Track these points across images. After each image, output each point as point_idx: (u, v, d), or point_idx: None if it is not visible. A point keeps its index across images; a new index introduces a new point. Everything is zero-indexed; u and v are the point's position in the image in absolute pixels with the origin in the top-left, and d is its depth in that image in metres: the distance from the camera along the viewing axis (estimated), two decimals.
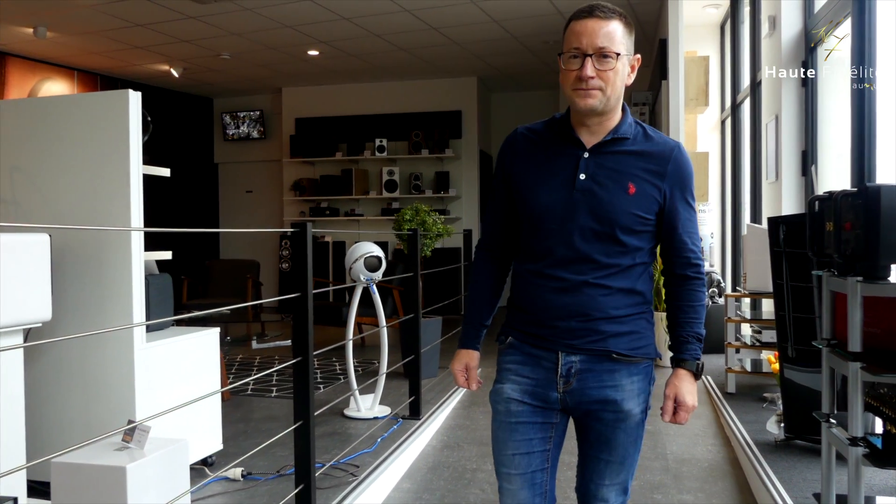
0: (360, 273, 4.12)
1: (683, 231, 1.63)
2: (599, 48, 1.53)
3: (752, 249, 4.45)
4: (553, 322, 1.62)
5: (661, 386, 1.75)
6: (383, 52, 8.14)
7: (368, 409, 4.24)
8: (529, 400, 1.66)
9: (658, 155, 1.61)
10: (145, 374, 2.86)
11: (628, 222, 1.58)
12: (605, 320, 1.59)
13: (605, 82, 1.55)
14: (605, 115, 1.60)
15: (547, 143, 1.66)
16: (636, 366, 1.65)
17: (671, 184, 1.60)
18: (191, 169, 10.54)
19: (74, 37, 7.42)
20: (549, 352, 1.63)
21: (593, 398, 1.62)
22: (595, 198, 1.58)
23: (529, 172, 1.66)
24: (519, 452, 1.67)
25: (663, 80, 6.12)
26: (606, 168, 1.59)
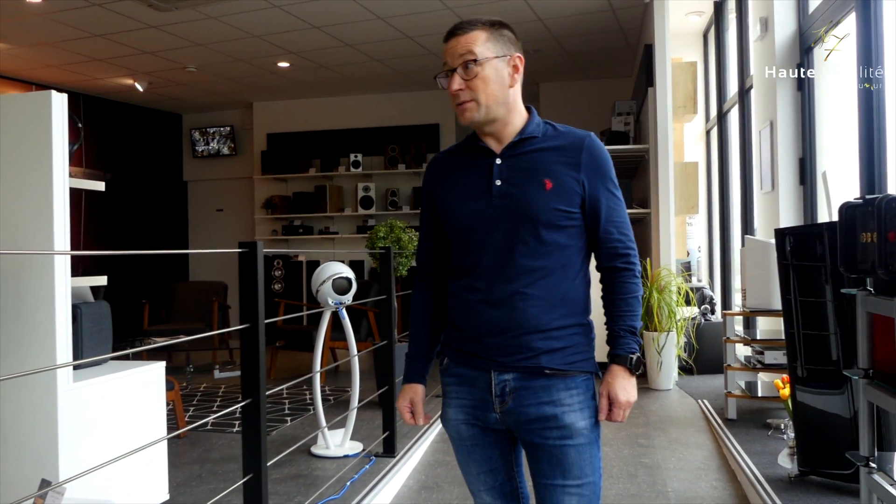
0: (329, 296, 3.75)
1: (607, 222, 1.59)
2: (461, 59, 1.54)
3: (751, 264, 4.14)
4: (483, 338, 1.58)
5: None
6: (357, 63, 7.81)
7: (338, 445, 3.86)
8: (474, 421, 1.62)
9: (570, 146, 1.58)
10: (72, 421, 2.46)
11: (550, 218, 1.54)
12: (536, 334, 1.54)
13: (476, 90, 1.54)
14: (499, 122, 1.59)
15: (462, 158, 1.66)
16: (572, 379, 1.57)
17: (588, 173, 1.57)
18: (159, 187, 10.12)
19: (28, 48, 7.02)
20: (481, 371, 1.59)
21: (531, 416, 1.56)
22: (513, 200, 1.56)
23: (449, 190, 1.65)
24: (483, 471, 1.66)
25: (649, 87, 5.84)
26: (520, 169, 1.58)
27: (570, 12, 6.24)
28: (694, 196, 5.97)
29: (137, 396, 2.82)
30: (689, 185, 5.94)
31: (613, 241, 1.60)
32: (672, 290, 5.46)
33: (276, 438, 4.24)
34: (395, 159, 9.13)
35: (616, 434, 4.19)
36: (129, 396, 2.78)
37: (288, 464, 3.68)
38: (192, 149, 10.31)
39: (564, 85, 8.77)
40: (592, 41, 7.20)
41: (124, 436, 2.70)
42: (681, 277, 5.73)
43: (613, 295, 1.61)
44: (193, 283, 7.21)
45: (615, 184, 1.62)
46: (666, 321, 5.39)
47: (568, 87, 8.75)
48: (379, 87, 8.99)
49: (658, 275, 5.48)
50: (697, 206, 6.04)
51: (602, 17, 6.47)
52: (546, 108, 8.74)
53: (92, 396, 2.58)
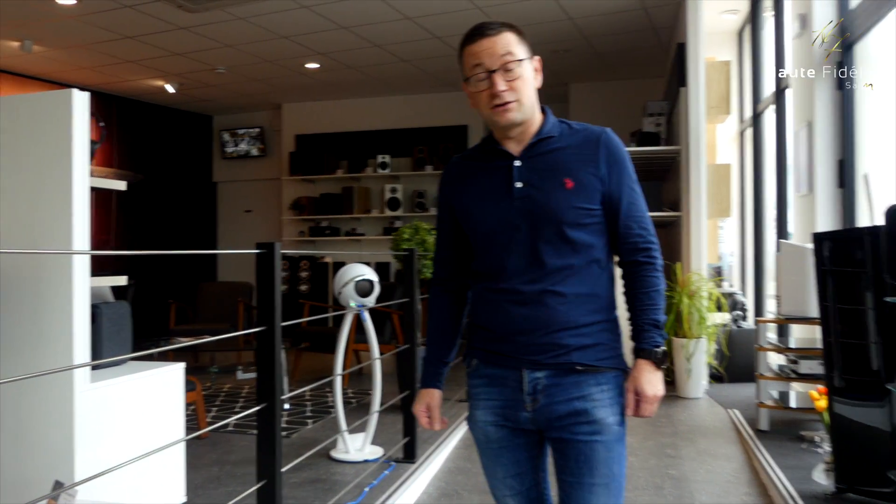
0: (351, 298, 3.71)
1: (627, 216, 1.60)
2: (503, 61, 1.54)
3: (787, 269, 4.01)
4: (514, 336, 1.58)
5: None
6: (385, 63, 7.78)
7: (358, 450, 3.81)
8: (504, 422, 1.62)
9: (586, 143, 1.60)
10: (89, 422, 2.44)
11: (573, 217, 1.56)
12: (566, 331, 1.55)
13: (518, 91, 1.56)
14: (525, 124, 1.60)
15: (480, 161, 1.67)
16: (602, 375, 1.58)
17: (606, 168, 1.58)
18: (189, 188, 10.21)
19: (62, 50, 7.11)
20: (512, 370, 1.59)
21: (562, 412, 1.57)
22: (535, 201, 1.57)
23: (468, 194, 1.65)
24: (510, 475, 1.65)
25: (681, 87, 5.71)
26: (540, 170, 1.58)
27: (601, 11, 6.13)
28: (726, 199, 5.82)
29: (156, 397, 2.80)
30: (721, 187, 5.79)
31: (634, 235, 1.61)
32: (703, 295, 5.32)
33: (297, 441, 4.20)
34: (423, 160, 9.08)
35: (643, 443, 4.08)
36: (148, 397, 2.76)
37: (307, 468, 3.64)
38: (222, 150, 10.39)
39: (594, 86, 8.64)
40: (623, 41, 7.08)
41: (142, 437, 2.68)
42: (712, 282, 5.59)
43: (636, 289, 1.62)
44: (219, 284, 7.24)
45: (634, 178, 1.63)
46: (696, 327, 5.25)
47: (598, 87, 8.63)
48: (407, 87, 8.96)
49: (688, 280, 5.35)
50: (730, 210, 5.89)
51: (633, 16, 6.35)
52: (576, 110, 8.62)
53: (109, 397, 2.56)
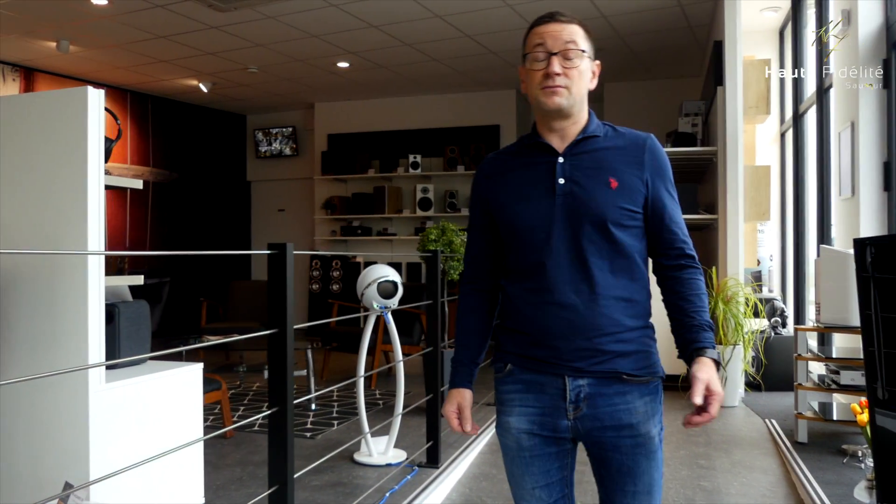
0: (373, 300, 3.65)
1: (671, 221, 1.59)
2: (565, 47, 1.53)
3: (827, 276, 3.84)
4: (554, 342, 1.53)
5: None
6: (415, 62, 7.73)
7: (381, 453, 3.75)
8: (539, 430, 1.57)
9: (632, 146, 1.58)
10: (104, 423, 2.41)
11: (617, 216, 1.53)
12: (609, 336, 1.52)
13: (571, 80, 1.54)
14: (571, 119, 1.58)
15: (520, 158, 1.63)
16: (646, 386, 1.56)
17: (651, 173, 1.57)
18: (224, 187, 10.30)
19: (97, 50, 7.20)
20: (553, 377, 1.54)
21: (607, 424, 1.53)
22: (578, 199, 1.54)
23: (506, 191, 1.61)
24: (538, 486, 1.60)
25: (718, 86, 5.54)
26: (584, 167, 1.56)
27: (636, 9, 5.98)
28: (765, 202, 5.63)
29: (174, 398, 2.77)
30: (760, 189, 5.60)
31: (679, 241, 1.59)
32: (739, 300, 5.15)
33: (320, 443, 4.16)
34: (455, 160, 9.01)
35: (674, 453, 3.95)
36: (165, 398, 2.73)
37: (328, 470, 3.60)
38: (256, 149, 10.45)
39: (629, 85, 8.47)
40: (659, 39, 6.92)
41: (158, 438, 2.65)
42: (749, 288, 5.41)
43: (686, 292, 1.58)
44: (251, 283, 7.25)
45: (674, 186, 1.62)
46: (732, 334, 5.08)
47: (633, 87, 8.46)
48: (438, 87, 8.90)
49: (724, 284, 5.19)
50: (769, 213, 5.69)
51: (669, 13, 6.19)
52: (610, 110, 8.47)
53: (125, 397, 2.53)
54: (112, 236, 8.66)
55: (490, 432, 4.34)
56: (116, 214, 8.73)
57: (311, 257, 9.52)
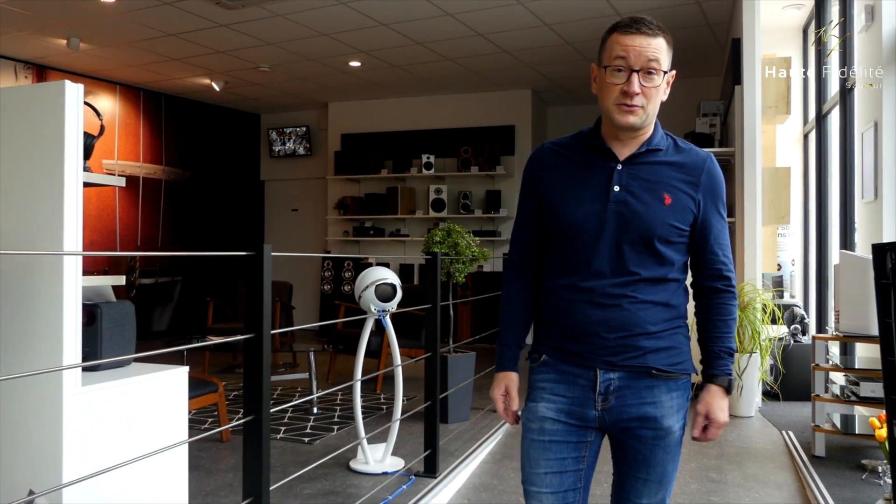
0: (371, 303, 3.53)
1: (715, 243, 1.62)
2: (648, 65, 1.51)
3: (846, 282, 3.66)
4: (590, 338, 1.58)
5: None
6: (428, 62, 7.62)
7: (378, 461, 3.63)
8: (565, 419, 1.62)
9: (691, 165, 1.60)
10: (79, 428, 2.32)
11: (665, 233, 1.56)
12: (643, 336, 1.57)
13: (648, 99, 1.53)
14: (640, 131, 1.58)
15: (577, 156, 1.64)
16: (675, 381, 1.60)
17: (705, 194, 1.59)
18: (237, 186, 10.27)
19: (108, 48, 7.18)
20: (586, 369, 1.60)
21: (632, 415, 1.59)
22: (630, 209, 1.55)
23: (560, 186, 1.62)
24: (551, 471, 1.63)
25: (737, 85, 5.36)
26: (641, 179, 1.57)
27: (652, 6, 5.82)
28: (785, 205, 5.43)
29: (156, 402, 2.67)
30: (780, 192, 5.41)
31: (719, 262, 1.62)
32: (756, 307, 4.97)
33: (318, 449, 4.06)
34: (468, 161, 8.89)
35: (685, 465, 3.79)
36: (147, 402, 2.63)
37: (322, 478, 3.49)
38: (270, 148, 10.41)
39: None
40: (676, 37, 6.62)
41: (138, 444, 2.55)
42: (767, 293, 5.23)
43: (714, 315, 1.63)
44: None
45: (724, 207, 1.64)
46: (749, 341, 4.90)
47: None
48: (452, 87, 8.78)
49: (741, 290, 5.00)
50: (789, 216, 5.50)
51: (686, 11, 6.02)
52: None
53: (103, 401, 2.44)
54: (124, 235, 8.65)
55: (493, 441, 4.21)
56: (129, 213, 8.72)
57: (323, 259, 9.44)
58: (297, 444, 4.10)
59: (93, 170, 8.75)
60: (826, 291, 5.85)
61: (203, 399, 3.90)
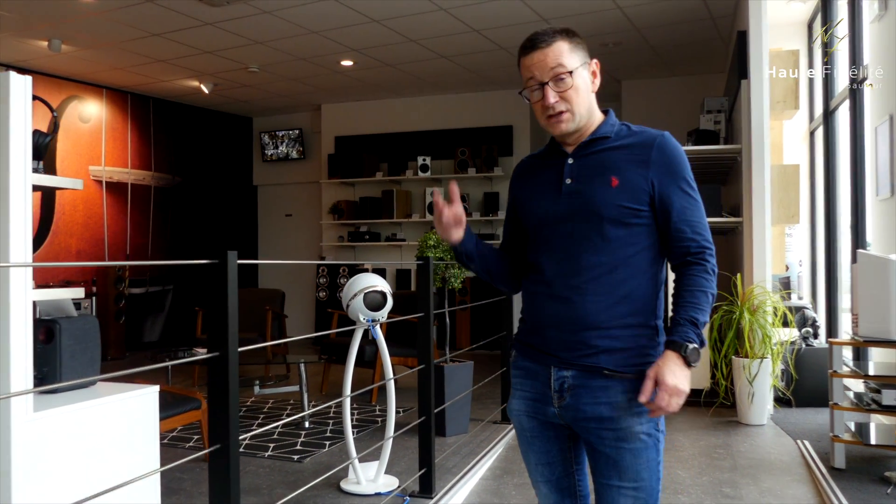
0: (360, 312, 3.31)
1: (679, 220, 1.57)
2: (553, 73, 1.56)
3: (866, 284, 3.44)
4: (544, 330, 1.61)
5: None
6: (422, 60, 7.40)
7: (371, 480, 3.40)
8: (534, 414, 1.65)
9: (640, 145, 1.60)
10: (33, 457, 2.10)
11: (615, 214, 1.56)
12: (595, 331, 1.55)
13: (570, 102, 1.58)
14: (581, 129, 1.63)
15: (542, 161, 1.72)
16: (631, 382, 1.55)
17: (658, 171, 1.57)
18: (229, 191, 10.04)
19: (91, 50, 6.96)
20: (542, 366, 1.62)
21: (588, 415, 1.57)
22: (580, 197, 1.59)
23: (527, 189, 1.71)
24: (541, 463, 1.68)
25: (743, 79, 5.15)
26: (590, 167, 1.61)
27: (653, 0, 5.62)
28: (795, 203, 5.21)
29: (121, 426, 2.45)
30: (789, 190, 5.20)
31: (686, 240, 1.57)
32: (767, 310, 4.74)
33: (308, 467, 3.83)
34: (465, 163, 8.67)
35: (696, 479, 3.56)
36: (110, 426, 2.40)
37: (311, 499, 3.26)
38: (262, 152, 10.19)
39: (649, 83, 8.08)
40: (680, 32, 6.53)
41: (101, 474, 2.32)
42: (777, 295, 5.00)
43: (680, 288, 1.57)
44: (249, 291, 6.95)
45: (690, 183, 1.59)
46: (759, 346, 4.68)
47: (652, 84, 8.06)
48: (448, 86, 8.56)
49: (750, 293, 4.78)
50: (798, 215, 5.28)
51: (690, 5, 5.80)
52: (629, 108, 8.08)
53: (59, 428, 2.21)
54: (112, 243, 8.42)
55: (493, 456, 3.98)
56: (117, 220, 8.49)
57: (317, 265, 9.22)
58: (286, 463, 3.87)
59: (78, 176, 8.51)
60: (835, 293, 5.63)
61: (185, 416, 3.67)
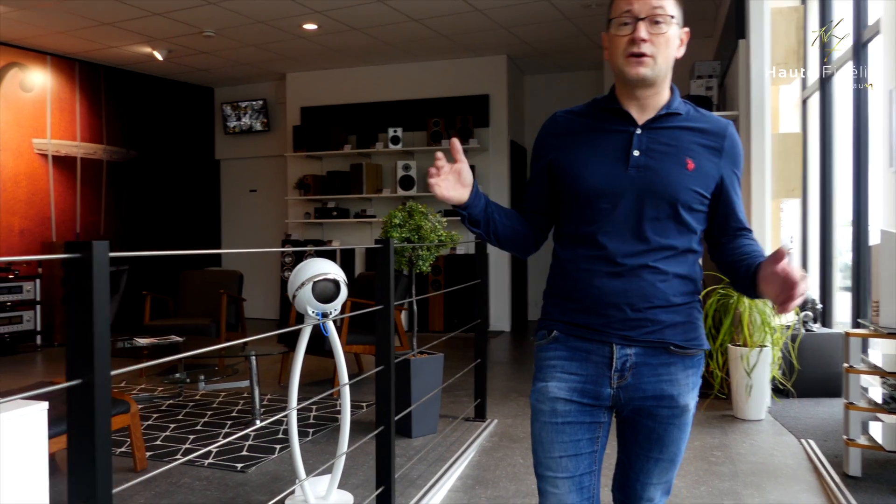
0: (308, 305, 2.82)
1: (735, 210, 1.57)
2: (653, 11, 1.48)
3: (889, 267, 3.02)
4: (605, 310, 1.51)
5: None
6: (391, 23, 6.85)
7: (321, 498, 2.94)
8: (578, 398, 1.55)
9: (714, 131, 1.55)
10: None
11: (688, 199, 1.50)
12: (662, 308, 1.50)
13: (658, 48, 1.49)
14: (654, 88, 1.53)
15: (593, 122, 1.58)
16: (691, 359, 1.55)
17: (727, 162, 1.54)
18: (190, 166, 9.46)
19: (28, 11, 6.32)
20: (601, 344, 1.53)
21: (649, 393, 1.53)
22: (652, 173, 1.49)
23: (575, 154, 1.56)
24: (567, 455, 1.56)
25: (740, 38, 4.69)
26: (662, 143, 1.51)
27: None
28: (795, 175, 4.79)
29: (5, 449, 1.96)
30: (789, 161, 4.77)
31: (740, 224, 1.58)
32: None
33: (252, 478, 3.35)
34: (439, 134, 8.15)
35: (693, 489, 3.15)
36: None
37: None
38: (224, 125, 9.60)
39: None
40: None
41: None
42: None
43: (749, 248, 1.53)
44: (203, 272, 6.42)
45: (741, 177, 1.59)
46: (758, 333, 4.27)
47: None
48: (419, 53, 8.02)
49: None
50: (799, 188, 4.86)
51: None
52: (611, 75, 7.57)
53: None
54: (60, 221, 7.83)
55: (465, 461, 3.54)
56: (65, 197, 7.89)
57: (283, 242, 8.69)
58: (227, 473, 3.40)
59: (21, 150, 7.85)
60: (830, 273, 5.25)
61: (114, 421, 3.17)
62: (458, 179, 1.56)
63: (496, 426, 4.15)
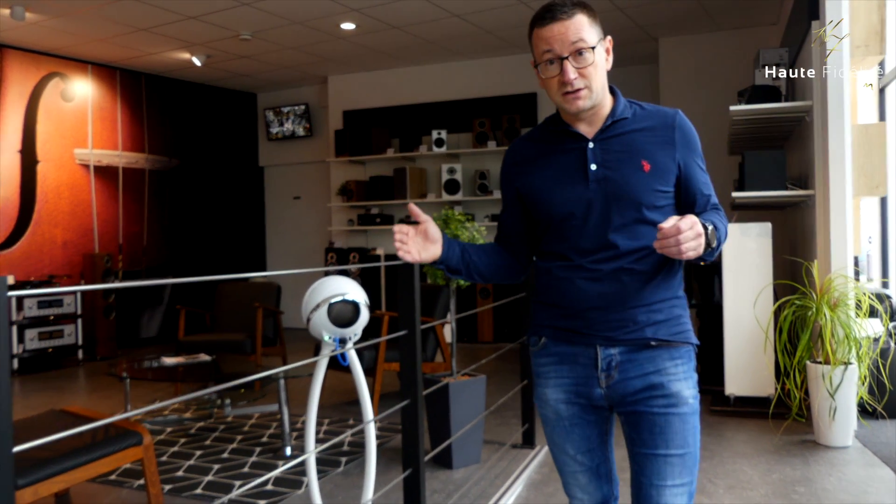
0: (324, 329, 2.50)
1: (699, 193, 1.60)
2: (574, 47, 1.50)
3: None
4: (587, 313, 1.57)
5: None
6: (432, 20, 6.53)
7: None
8: (576, 399, 1.62)
9: (661, 126, 1.59)
10: None
11: (652, 199, 1.55)
12: (641, 308, 1.55)
13: (589, 78, 1.53)
14: (596, 108, 1.58)
15: (547, 144, 1.64)
16: (676, 349, 1.58)
17: (682, 151, 1.58)
18: (233, 173, 9.33)
19: (62, 18, 6.23)
20: (586, 347, 1.59)
21: (637, 387, 1.57)
22: (612, 183, 1.56)
23: (538, 177, 1.62)
24: (581, 451, 1.65)
25: (814, 20, 4.20)
26: (615, 151, 1.57)
27: None
28: (880, 171, 4.27)
29: None
30: (872, 156, 4.25)
31: (706, 202, 1.60)
32: (849, 303, 3.84)
33: None
34: (485, 135, 7.79)
35: None
36: None
37: None
38: (267, 130, 9.44)
39: (690, 39, 7.10)
40: None
41: None
42: (858, 282, 4.10)
43: (710, 216, 1.54)
44: (239, 285, 6.21)
45: (703, 159, 1.62)
46: (841, 349, 3.78)
47: (694, 41, 7.08)
48: (463, 51, 7.68)
49: (829, 284, 3.88)
50: (885, 185, 4.33)
51: None
52: (668, 69, 7.14)
53: None
54: (103, 232, 7.76)
55: (513, 494, 3.17)
56: (107, 207, 7.83)
57: (326, 250, 8.45)
58: None
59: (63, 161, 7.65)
60: None
61: (119, 457, 2.92)
62: (425, 239, 1.57)
63: (546, 455, 3.76)
